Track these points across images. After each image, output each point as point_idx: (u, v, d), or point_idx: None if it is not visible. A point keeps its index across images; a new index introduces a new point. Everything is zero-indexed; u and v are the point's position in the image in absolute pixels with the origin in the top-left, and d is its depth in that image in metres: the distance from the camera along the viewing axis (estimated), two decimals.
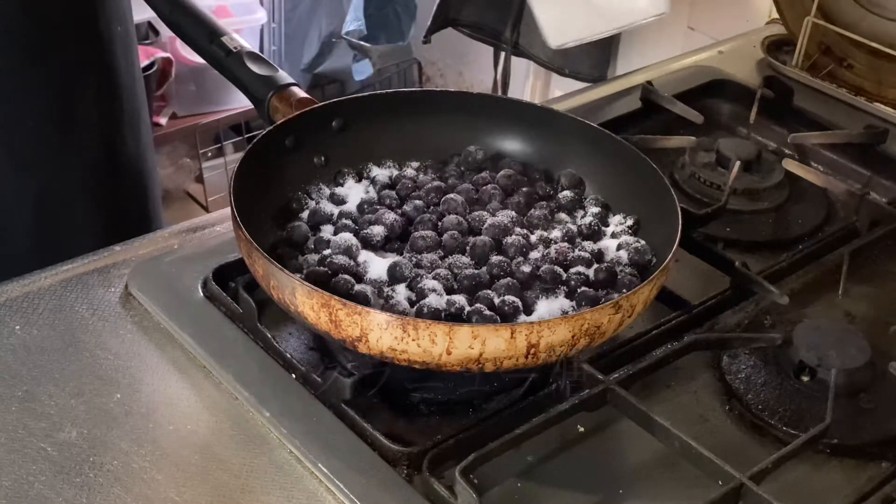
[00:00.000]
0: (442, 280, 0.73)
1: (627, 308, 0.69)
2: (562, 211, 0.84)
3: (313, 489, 0.66)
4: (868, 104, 1.15)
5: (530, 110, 0.91)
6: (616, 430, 0.73)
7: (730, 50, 1.28)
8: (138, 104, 1.04)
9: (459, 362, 0.66)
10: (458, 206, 0.81)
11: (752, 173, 1.00)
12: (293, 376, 0.74)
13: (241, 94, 0.98)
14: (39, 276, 0.81)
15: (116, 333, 0.77)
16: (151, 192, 1.08)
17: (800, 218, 0.98)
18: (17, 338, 0.76)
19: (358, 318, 0.65)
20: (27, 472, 0.65)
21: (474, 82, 2.40)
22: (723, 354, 0.79)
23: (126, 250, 0.86)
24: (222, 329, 0.77)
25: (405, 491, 0.66)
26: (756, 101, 1.11)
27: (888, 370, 0.76)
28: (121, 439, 0.69)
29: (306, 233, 0.79)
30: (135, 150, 1.03)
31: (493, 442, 0.66)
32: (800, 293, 0.88)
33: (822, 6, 1.19)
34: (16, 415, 0.70)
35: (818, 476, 0.72)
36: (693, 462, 0.67)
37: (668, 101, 1.09)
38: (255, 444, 0.69)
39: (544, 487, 0.69)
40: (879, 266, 0.93)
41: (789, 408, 0.75)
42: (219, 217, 0.90)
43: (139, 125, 1.04)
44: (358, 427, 0.69)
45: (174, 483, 0.66)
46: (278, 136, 0.83)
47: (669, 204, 0.78)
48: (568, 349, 0.68)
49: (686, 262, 0.87)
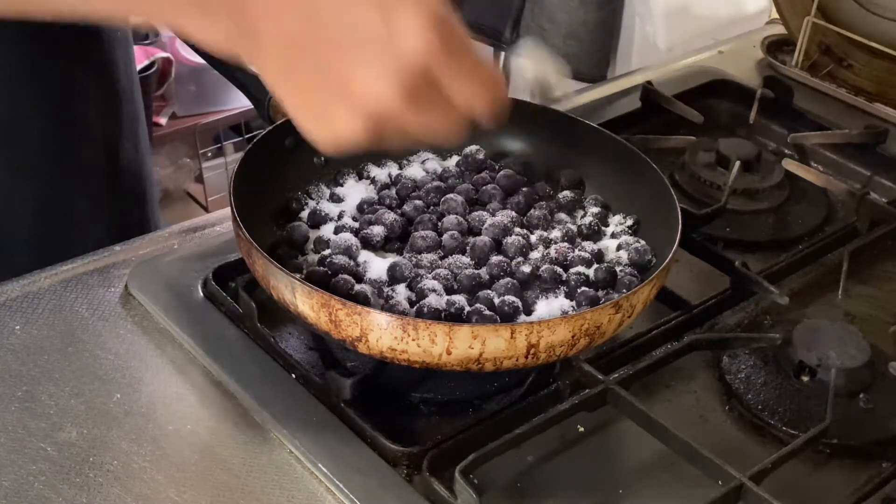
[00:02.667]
0: (442, 280, 0.73)
1: (627, 308, 0.69)
2: (562, 211, 0.84)
3: (313, 489, 0.66)
4: (868, 104, 1.15)
5: (530, 110, 0.91)
6: (616, 430, 0.73)
7: (730, 50, 1.28)
8: (137, 106, 1.04)
9: (459, 362, 0.66)
10: (458, 206, 0.81)
11: (752, 173, 1.00)
12: (293, 376, 0.74)
13: (241, 94, 0.98)
14: (39, 276, 0.81)
15: (116, 333, 0.77)
16: (150, 194, 1.08)
17: (800, 218, 0.98)
18: (17, 338, 0.76)
19: (358, 318, 0.65)
20: (27, 472, 0.65)
21: None
22: (723, 354, 0.79)
23: (126, 250, 0.86)
24: (222, 329, 0.77)
25: (405, 491, 0.66)
26: (756, 101, 1.11)
27: (888, 370, 0.76)
28: (121, 439, 0.69)
29: (306, 233, 0.79)
30: (134, 152, 1.03)
31: (493, 442, 0.66)
32: (800, 293, 0.88)
33: (822, 6, 1.19)
34: (16, 415, 0.70)
35: (818, 476, 0.72)
36: (693, 462, 0.67)
37: (668, 101, 1.09)
38: (255, 444, 0.69)
39: (544, 487, 0.69)
40: (879, 266, 0.93)
41: (789, 408, 0.75)
42: (219, 217, 0.90)
43: (138, 128, 1.04)
44: (358, 427, 0.69)
45: (174, 483, 0.66)
46: (278, 136, 0.83)
47: (669, 204, 0.78)
48: (568, 349, 0.68)
49: (686, 262, 0.87)
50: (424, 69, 0.55)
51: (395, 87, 0.54)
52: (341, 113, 0.56)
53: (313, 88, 0.56)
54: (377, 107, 0.55)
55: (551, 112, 0.90)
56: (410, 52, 0.54)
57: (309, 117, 0.57)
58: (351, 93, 0.55)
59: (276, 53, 0.56)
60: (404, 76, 0.54)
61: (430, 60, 0.54)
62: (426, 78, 0.55)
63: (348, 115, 0.56)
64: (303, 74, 0.56)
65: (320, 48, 0.55)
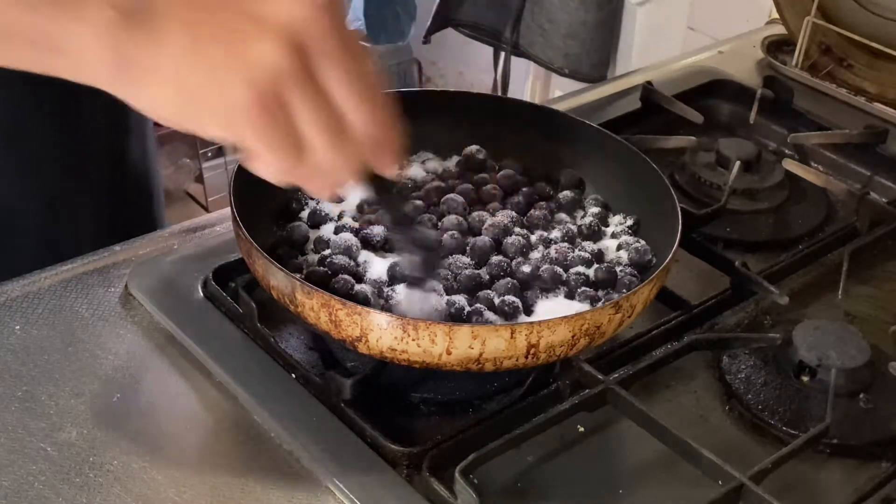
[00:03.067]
0: (442, 280, 0.73)
1: (627, 308, 0.69)
2: (562, 211, 0.84)
3: (313, 489, 0.66)
4: (868, 104, 1.15)
5: (530, 110, 0.91)
6: (616, 430, 0.73)
7: (730, 50, 1.28)
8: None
9: (459, 362, 0.66)
10: (458, 206, 0.81)
11: (752, 173, 1.00)
12: (293, 376, 0.74)
13: None
14: (39, 276, 0.81)
15: (116, 333, 0.77)
16: (156, 195, 1.08)
17: (800, 218, 0.98)
18: (17, 338, 0.76)
19: (358, 318, 0.65)
20: (27, 472, 0.65)
21: (474, 82, 2.41)
22: (723, 354, 0.79)
23: (126, 250, 0.86)
24: (222, 329, 0.77)
25: (405, 491, 0.66)
26: (756, 101, 1.11)
27: (888, 370, 0.76)
28: (121, 439, 0.69)
29: (306, 233, 0.79)
30: (141, 155, 1.03)
31: (493, 442, 0.66)
32: (800, 293, 0.88)
33: (822, 6, 1.19)
34: (16, 415, 0.70)
35: (818, 476, 0.72)
36: (693, 462, 0.67)
37: (668, 101, 1.09)
38: (255, 444, 0.69)
39: (544, 487, 0.69)
40: (879, 266, 0.93)
41: (789, 408, 0.75)
42: (219, 217, 0.90)
43: (145, 131, 1.04)
44: (358, 427, 0.69)
45: (174, 483, 0.66)
46: None
47: (669, 204, 0.78)
48: (568, 349, 0.68)
49: (686, 262, 0.87)
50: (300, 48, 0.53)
51: (284, 56, 0.53)
52: (233, 84, 0.53)
53: (220, 59, 0.53)
54: (266, 75, 0.53)
55: (551, 112, 0.91)
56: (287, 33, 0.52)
57: (212, 95, 0.54)
58: (245, 61, 0.53)
59: (183, 19, 0.53)
60: (290, 50, 0.53)
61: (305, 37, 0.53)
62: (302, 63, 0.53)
63: (241, 86, 0.53)
64: (210, 41, 0.53)
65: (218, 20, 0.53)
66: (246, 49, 0.53)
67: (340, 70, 0.55)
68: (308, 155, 0.56)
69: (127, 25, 0.53)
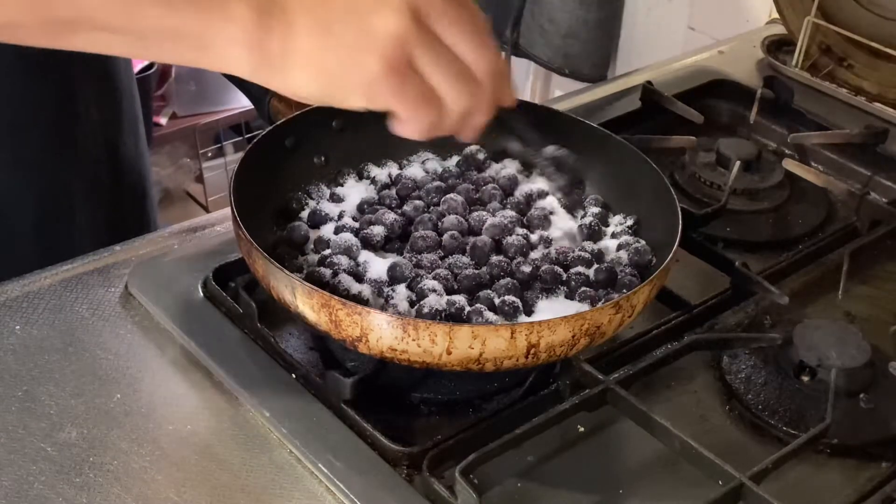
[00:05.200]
0: (442, 280, 0.74)
1: (627, 308, 0.69)
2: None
3: (313, 489, 0.66)
4: (868, 104, 1.15)
5: (530, 110, 0.91)
6: (616, 430, 0.73)
7: (730, 50, 1.28)
8: (136, 106, 1.04)
9: (459, 362, 0.66)
10: (458, 206, 0.81)
11: (752, 173, 1.00)
12: (293, 376, 0.74)
13: (241, 94, 0.98)
14: (39, 276, 0.81)
15: (116, 333, 0.77)
16: (149, 194, 1.08)
17: (800, 218, 0.98)
18: (17, 338, 0.76)
19: (358, 318, 0.65)
20: (27, 472, 0.65)
21: None
22: (723, 354, 0.79)
23: (126, 250, 0.86)
24: (222, 329, 0.77)
25: (405, 491, 0.66)
26: (756, 101, 1.11)
27: (888, 370, 0.76)
28: (121, 439, 0.69)
29: (306, 233, 0.79)
30: (134, 152, 1.04)
31: (493, 442, 0.66)
32: (800, 293, 0.88)
33: (822, 6, 1.19)
34: (16, 415, 0.70)
35: (818, 476, 0.72)
36: (693, 462, 0.67)
37: (668, 101, 1.09)
38: (255, 444, 0.69)
39: (544, 487, 0.69)
40: (879, 266, 0.93)
41: (789, 408, 0.75)
42: (219, 217, 0.90)
43: (138, 127, 1.04)
44: (358, 427, 0.69)
45: (174, 483, 0.66)
46: (278, 136, 0.83)
47: (669, 204, 0.78)
48: (568, 349, 0.68)
49: (686, 262, 0.87)
50: None
51: (405, 23, 0.58)
52: (367, 57, 0.58)
53: (350, 37, 0.58)
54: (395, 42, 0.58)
55: (551, 112, 0.90)
56: None
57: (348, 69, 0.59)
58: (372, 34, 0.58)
59: (310, 9, 0.58)
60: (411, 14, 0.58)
61: None
62: None
63: (373, 58, 0.58)
64: (337, 23, 0.58)
65: None
66: (371, 23, 0.58)
67: (456, 24, 0.60)
68: (447, 106, 0.62)
69: (264, 21, 0.58)
